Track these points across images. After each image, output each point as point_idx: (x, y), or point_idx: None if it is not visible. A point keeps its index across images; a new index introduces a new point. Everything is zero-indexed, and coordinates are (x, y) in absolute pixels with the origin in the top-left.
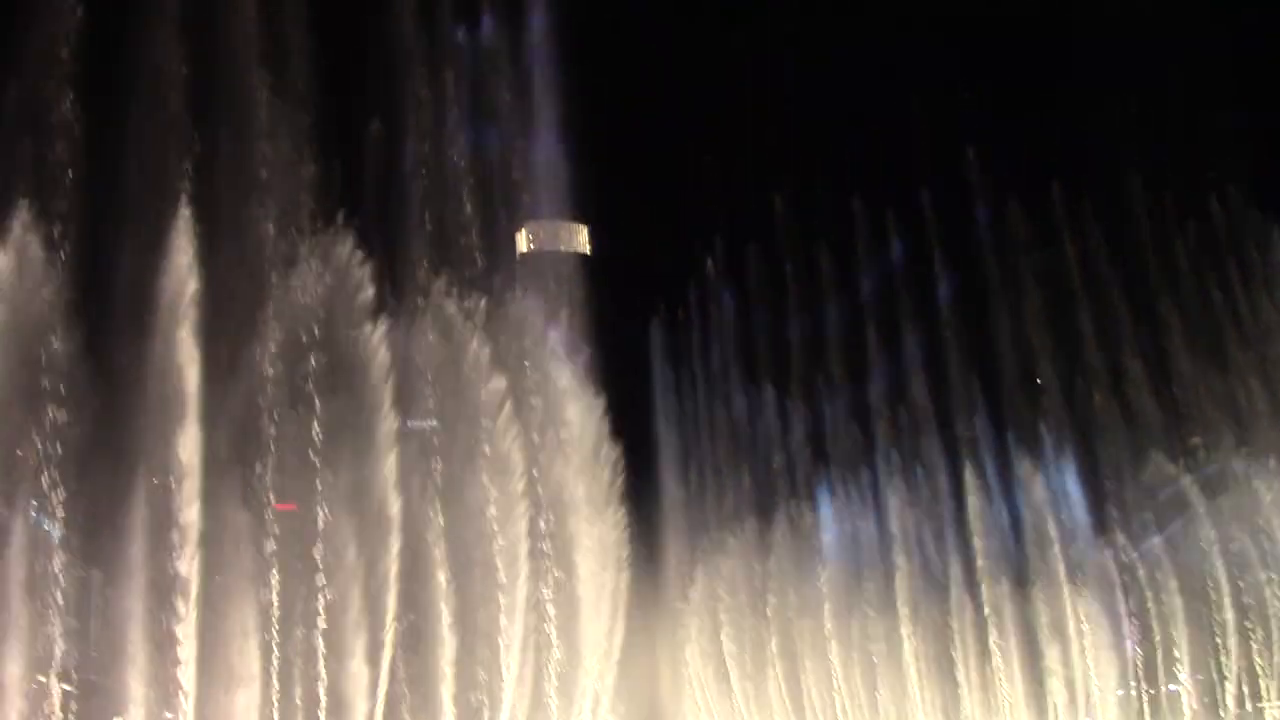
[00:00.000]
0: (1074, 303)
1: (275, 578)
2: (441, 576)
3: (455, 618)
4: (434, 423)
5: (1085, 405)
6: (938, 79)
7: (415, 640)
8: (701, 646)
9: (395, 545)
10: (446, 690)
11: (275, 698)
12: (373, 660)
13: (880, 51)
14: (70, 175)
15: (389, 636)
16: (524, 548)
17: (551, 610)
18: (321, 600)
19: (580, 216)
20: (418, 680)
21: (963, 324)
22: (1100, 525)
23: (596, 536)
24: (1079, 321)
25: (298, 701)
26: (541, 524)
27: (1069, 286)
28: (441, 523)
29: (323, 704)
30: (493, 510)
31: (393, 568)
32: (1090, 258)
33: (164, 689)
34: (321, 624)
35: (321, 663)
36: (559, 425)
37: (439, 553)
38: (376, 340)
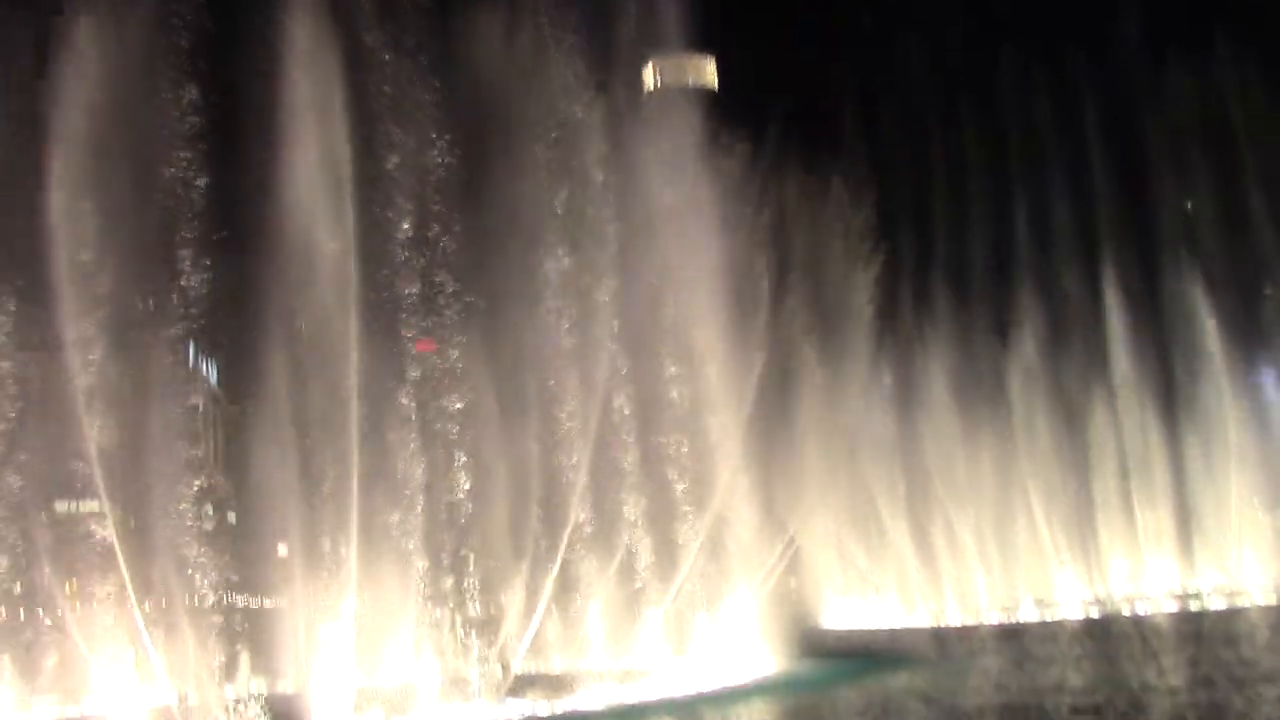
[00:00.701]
0: (1228, 135)
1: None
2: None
3: None
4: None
5: (1237, 232)
6: None
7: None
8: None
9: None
10: None
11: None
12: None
13: None
14: None
15: None
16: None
17: None
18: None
19: (706, 49)
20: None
21: (1107, 151)
22: (1254, 350)
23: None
24: (1234, 153)
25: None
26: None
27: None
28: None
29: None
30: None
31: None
32: (1249, 92)
33: (325, 516)
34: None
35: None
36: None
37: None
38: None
